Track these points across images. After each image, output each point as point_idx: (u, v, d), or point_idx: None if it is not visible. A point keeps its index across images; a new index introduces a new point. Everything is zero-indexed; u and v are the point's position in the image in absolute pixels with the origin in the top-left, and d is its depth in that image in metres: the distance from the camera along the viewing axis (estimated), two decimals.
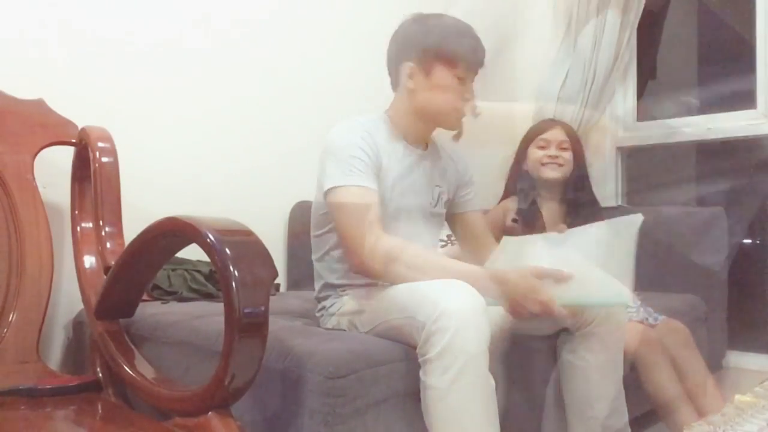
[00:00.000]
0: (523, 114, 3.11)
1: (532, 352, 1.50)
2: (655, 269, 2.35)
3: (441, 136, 1.60)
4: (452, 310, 1.12)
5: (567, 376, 1.47)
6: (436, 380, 1.13)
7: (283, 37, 2.25)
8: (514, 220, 2.13)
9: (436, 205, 1.54)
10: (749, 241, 3.35)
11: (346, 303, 1.44)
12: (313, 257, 1.54)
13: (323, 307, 1.51)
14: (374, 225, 1.31)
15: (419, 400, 1.19)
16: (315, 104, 2.28)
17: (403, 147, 1.49)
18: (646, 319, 1.86)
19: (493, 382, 1.16)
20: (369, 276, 1.36)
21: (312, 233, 1.53)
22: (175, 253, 1.29)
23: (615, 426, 1.45)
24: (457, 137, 1.54)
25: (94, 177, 1.49)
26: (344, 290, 1.47)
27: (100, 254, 1.45)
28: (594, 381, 1.44)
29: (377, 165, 1.39)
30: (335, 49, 2.36)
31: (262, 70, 2.19)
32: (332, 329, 1.45)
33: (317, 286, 1.53)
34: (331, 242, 1.47)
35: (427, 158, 1.53)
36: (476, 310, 1.14)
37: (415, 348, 1.18)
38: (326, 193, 1.37)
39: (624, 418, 1.48)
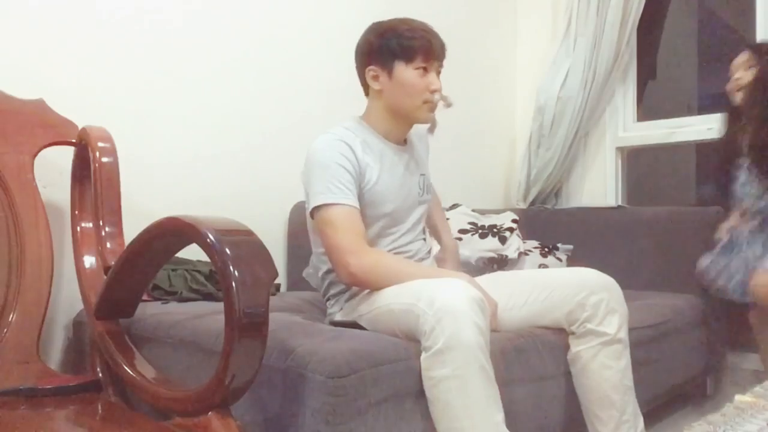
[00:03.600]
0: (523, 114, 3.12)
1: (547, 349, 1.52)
2: (655, 269, 2.36)
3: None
4: (451, 304, 1.18)
5: (582, 375, 1.50)
6: (439, 372, 1.17)
7: (285, 37, 2.25)
8: None
9: (423, 194, 1.64)
10: None
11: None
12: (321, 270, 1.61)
13: (331, 295, 1.57)
14: (359, 240, 1.41)
15: (420, 399, 1.20)
16: (316, 104, 2.28)
17: (386, 147, 1.56)
18: None
19: (493, 373, 1.20)
20: (358, 286, 1.46)
21: (314, 245, 1.60)
22: (175, 253, 1.29)
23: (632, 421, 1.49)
24: (431, 129, 1.61)
25: (94, 177, 1.49)
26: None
27: (100, 254, 1.45)
28: (610, 382, 1.47)
29: (359, 174, 1.47)
30: (337, 49, 2.36)
31: (263, 70, 2.19)
32: (338, 322, 1.50)
33: (320, 273, 1.60)
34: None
35: (408, 151, 1.62)
36: (473, 304, 1.19)
37: (411, 335, 1.24)
38: (313, 211, 1.45)
39: (639, 416, 1.52)
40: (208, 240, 0.98)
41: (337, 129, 1.51)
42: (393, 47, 1.49)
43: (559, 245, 2.46)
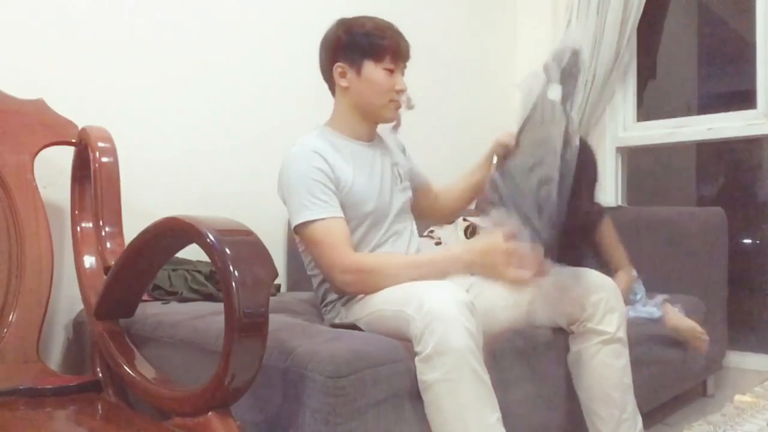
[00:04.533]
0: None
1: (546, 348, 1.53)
2: (656, 269, 2.35)
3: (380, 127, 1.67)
4: (439, 308, 1.18)
5: (583, 374, 1.50)
6: (430, 377, 1.17)
7: (285, 36, 2.25)
8: None
9: (401, 182, 1.64)
10: (749, 241, 3.35)
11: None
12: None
13: (328, 302, 1.57)
14: (341, 252, 1.41)
15: (419, 400, 1.20)
16: (316, 104, 2.28)
17: (355, 146, 1.57)
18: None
19: (486, 375, 1.20)
20: (350, 294, 1.47)
21: (304, 259, 1.61)
22: (175, 253, 1.29)
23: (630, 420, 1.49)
24: (395, 128, 1.63)
25: (94, 177, 1.49)
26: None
27: (100, 254, 1.45)
28: (610, 380, 1.47)
29: (335, 180, 1.47)
30: None
31: (264, 70, 2.19)
32: (337, 324, 1.50)
33: (315, 284, 1.60)
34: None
35: (377, 147, 1.63)
36: (461, 308, 1.19)
37: (404, 339, 1.24)
38: (295, 229, 1.46)
39: (638, 416, 1.52)
40: (208, 240, 0.98)
41: (306, 138, 1.53)
42: (363, 45, 1.50)
43: None
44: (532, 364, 1.47)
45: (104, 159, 1.51)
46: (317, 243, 1.43)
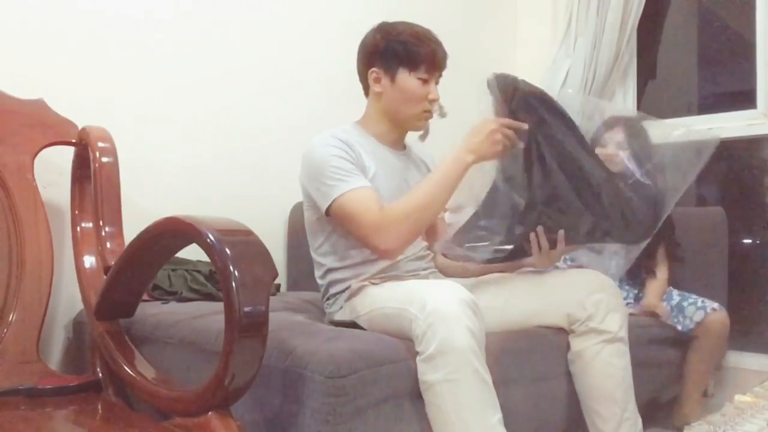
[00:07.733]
0: None
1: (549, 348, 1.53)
2: None
3: (409, 137, 1.67)
4: (442, 307, 1.17)
5: (584, 373, 1.50)
6: (432, 377, 1.17)
7: (285, 38, 2.25)
8: None
9: None
10: (749, 241, 3.34)
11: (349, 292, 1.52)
12: (317, 273, 1.62)
13: (330, 294, 1.58)
14: (373, 217, 1.39)
15: (419, 399, 1.20)
16: (316, 104, 2.28)
17: (381, 147, 1.58)
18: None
19: (488, 375, 1.19)
20: (398, 256, 1.46)
21: (312, 245, 1.60)
22: (175, 253, 1.29)
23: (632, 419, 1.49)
24: (423, 137, 1.63)
25: (94, 177, 1.49)
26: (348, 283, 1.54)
27: (100, 254, 1.45)
28: (613, 379, 1.47)
29: (360, 164, 1.48)
30: (338, 51, 2.36)
31: (263, 70, 2.19)
32: (337, 321, 1.51)
33: (319, 274, 1.61)
34: (335, 247, 1.56)
35: (403, 158, 1.63)
36: (464, 307, 1.18)
37: (406, 338, 1.24)
38: (329, 209, 1.45)
39: (638, 416, 1.52)
40: (208, 240, 0.98)
41: (331, 130, 1.53)
42: (399, 53, 1.51)
43: None
44: (532, 364, 1.47)
45: (104, 159, 1.51)
46: (348, 217, 1.42)
